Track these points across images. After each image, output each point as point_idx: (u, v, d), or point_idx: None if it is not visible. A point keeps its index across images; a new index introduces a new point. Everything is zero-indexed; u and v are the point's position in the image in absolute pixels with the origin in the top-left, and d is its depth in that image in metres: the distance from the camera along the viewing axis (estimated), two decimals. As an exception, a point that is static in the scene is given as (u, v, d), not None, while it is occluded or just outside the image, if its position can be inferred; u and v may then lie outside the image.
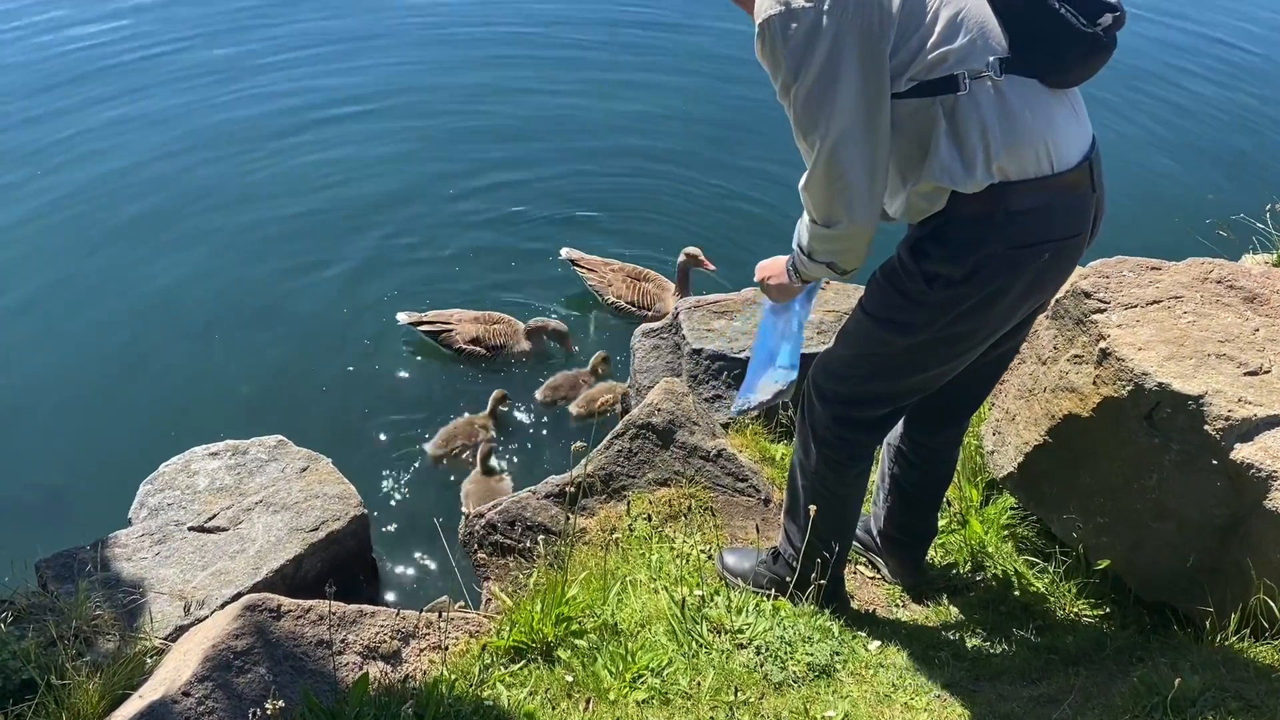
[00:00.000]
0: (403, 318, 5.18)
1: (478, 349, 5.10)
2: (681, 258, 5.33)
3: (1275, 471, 2.39)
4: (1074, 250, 2.21)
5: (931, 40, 2.02)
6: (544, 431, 4.81)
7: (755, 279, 2.59)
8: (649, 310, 5.43)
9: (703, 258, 5.31)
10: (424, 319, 5.18)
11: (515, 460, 4.59)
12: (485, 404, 4.73)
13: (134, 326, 5.32)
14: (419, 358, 5.21)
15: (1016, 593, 3.03)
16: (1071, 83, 2.15)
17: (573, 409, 4.80)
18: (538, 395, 4.93)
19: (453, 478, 4.46)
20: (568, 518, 3.21)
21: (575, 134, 7.34)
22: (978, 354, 2.36)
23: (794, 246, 2.34)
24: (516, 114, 7.55)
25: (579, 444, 2.66)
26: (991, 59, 2.03)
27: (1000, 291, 2.16)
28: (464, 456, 4.51)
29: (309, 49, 8.36)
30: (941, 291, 2.17)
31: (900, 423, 2.74)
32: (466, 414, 4.71)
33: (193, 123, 7.26)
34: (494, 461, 4.36)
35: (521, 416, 4.86)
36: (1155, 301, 2.82)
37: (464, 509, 4.15)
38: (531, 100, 7.76)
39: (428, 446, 4.55)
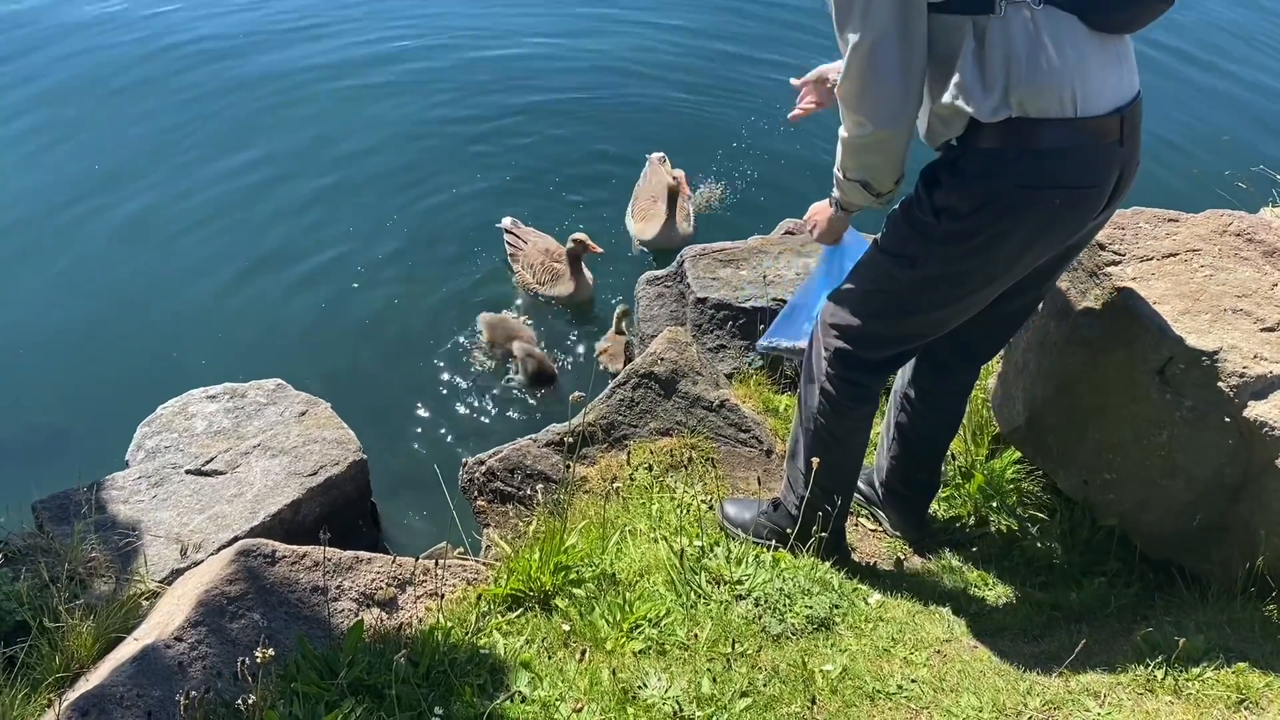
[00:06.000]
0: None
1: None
2: (569, 244, 4.98)
3: (1289, 430, 2.34)
4: (1088, 202, 2.14)
5: None
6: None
7: (804, 219, 2.61)
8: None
9: (589, 242, 4.96)
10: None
11: (515, 415, 4.56)
12: (487, 352, 4.77)
13: (134, 266, 5.28)
14: (419, 303, 5.15)
15: (1020, 548, 3.00)
16: (1115, 26, 2.06)
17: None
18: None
19: (459, 409, 4.50)
20: (568, 466, 3.18)
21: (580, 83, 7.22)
22: (983, 303, 2.31)
23: (834, 171, 2.32)
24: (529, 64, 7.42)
25: (578, 394, 2.62)
26: None
27: (1005, 233, 2.12)
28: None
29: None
30: (948, 224, 2.14)
31: (909, 369, 2.71)
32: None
33: (199, 70, 7.13)
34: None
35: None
36: (1172, 254, 2.74)
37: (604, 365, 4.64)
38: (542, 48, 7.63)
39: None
